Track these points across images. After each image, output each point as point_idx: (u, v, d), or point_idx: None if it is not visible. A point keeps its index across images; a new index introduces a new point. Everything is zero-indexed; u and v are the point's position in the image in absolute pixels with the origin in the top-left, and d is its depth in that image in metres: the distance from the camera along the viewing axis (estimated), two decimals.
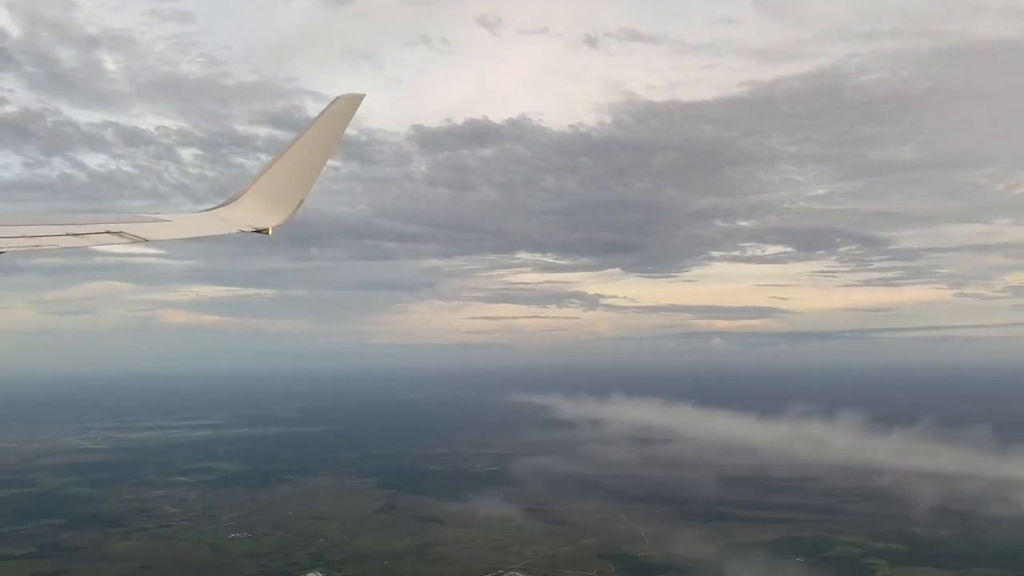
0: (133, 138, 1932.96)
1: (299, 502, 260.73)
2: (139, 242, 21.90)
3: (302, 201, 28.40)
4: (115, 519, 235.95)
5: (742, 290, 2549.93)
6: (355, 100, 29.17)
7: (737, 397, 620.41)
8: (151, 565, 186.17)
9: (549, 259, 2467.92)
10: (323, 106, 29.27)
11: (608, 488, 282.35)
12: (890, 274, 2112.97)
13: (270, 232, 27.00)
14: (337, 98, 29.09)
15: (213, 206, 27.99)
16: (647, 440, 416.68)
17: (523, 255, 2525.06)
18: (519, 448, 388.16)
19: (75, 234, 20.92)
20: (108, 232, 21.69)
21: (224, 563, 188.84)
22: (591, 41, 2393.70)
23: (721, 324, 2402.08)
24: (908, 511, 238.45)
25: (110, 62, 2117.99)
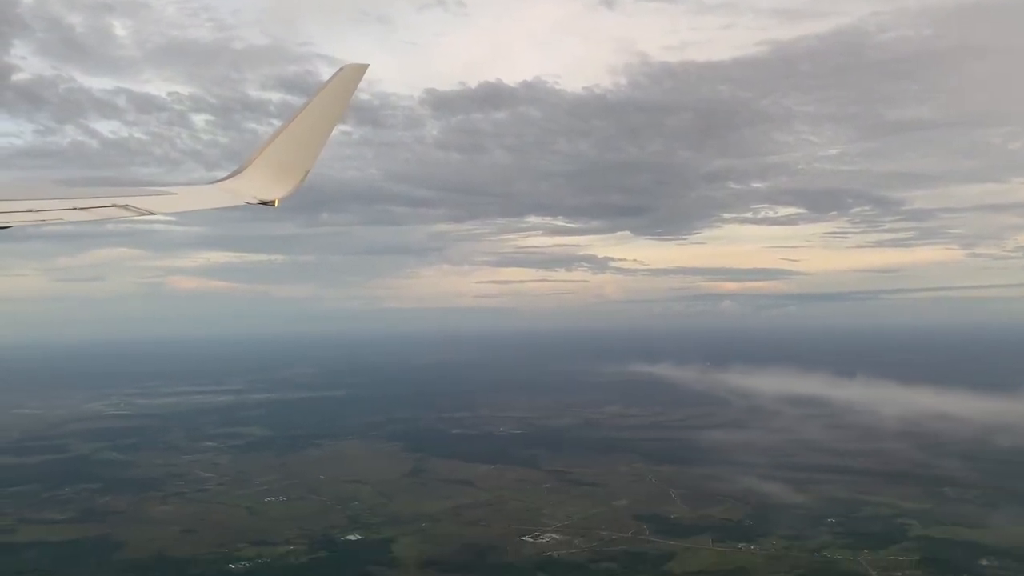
0: (145, 104, 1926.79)
1: (329, 466, 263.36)
2: (145, 214, 22.12)
3: (307, 172, 28.41)
4: (150, 484, 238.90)
5: (752, 252, 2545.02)
6: (360, 70, 29.23)
7: (752, 358, 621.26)
8: (193, 529, 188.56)
9: (559, 222, 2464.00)
10: (335, 70, 29.33)
11: (632, 448, 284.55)
12: (902, 235, 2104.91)
13: (276, 204, 27.07)
14: (341, 68, 29.15)
15: (219, 178, 28.04)
16: (675, 402, 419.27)
17: (533, 219, 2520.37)
18: (540, 411, 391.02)
19: (81, 208, 20.98)
20: (115, 206, 21.80)
21: (263, 527, 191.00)
22: (608, 2, 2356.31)
23: (730, 286, 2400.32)
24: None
25: (119, 27, 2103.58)
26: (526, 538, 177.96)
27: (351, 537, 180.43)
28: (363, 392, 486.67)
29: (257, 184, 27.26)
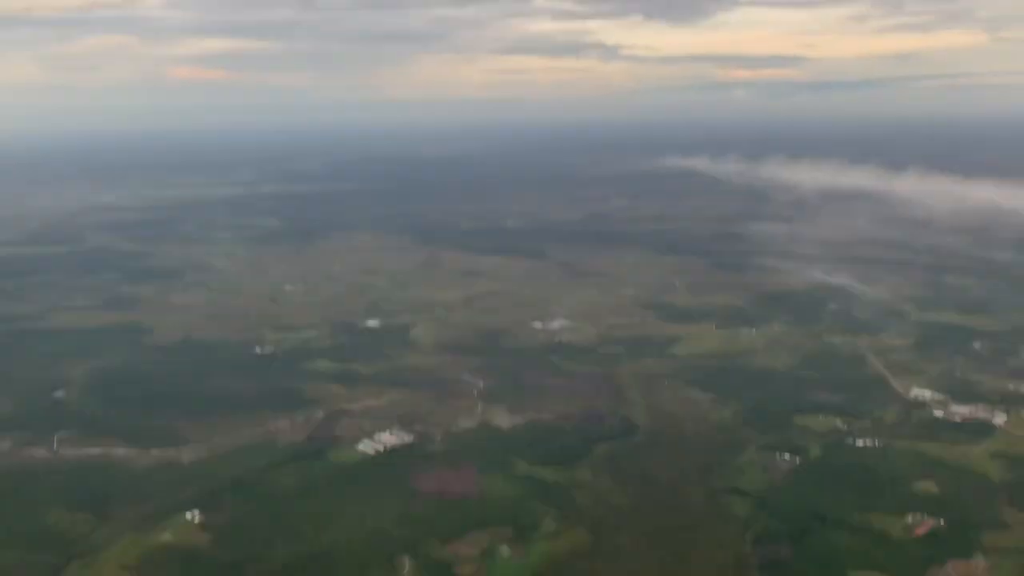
0: None
1: (344, 257, 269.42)
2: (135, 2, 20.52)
3: None
4: (170, 273, 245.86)
5: (767, 37, 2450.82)
6: None
7: (765, 148, 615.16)
8: (217, 316, 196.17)
9: (567, 5, 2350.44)
10: None
11: (644, 240, 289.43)
12: (924, 18, 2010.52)
13: None
14: None
15: None
16: (689, 190, 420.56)
17: (540, 1, 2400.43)
18: (549, 205, 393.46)
19: None
20: None
21: (284, 313, 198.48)
22: None
23: (744, 74, 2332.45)
24: None
25: None
26: (536, 324, 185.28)
27: (370, 323, 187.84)
28: (372, 185, 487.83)
29: None
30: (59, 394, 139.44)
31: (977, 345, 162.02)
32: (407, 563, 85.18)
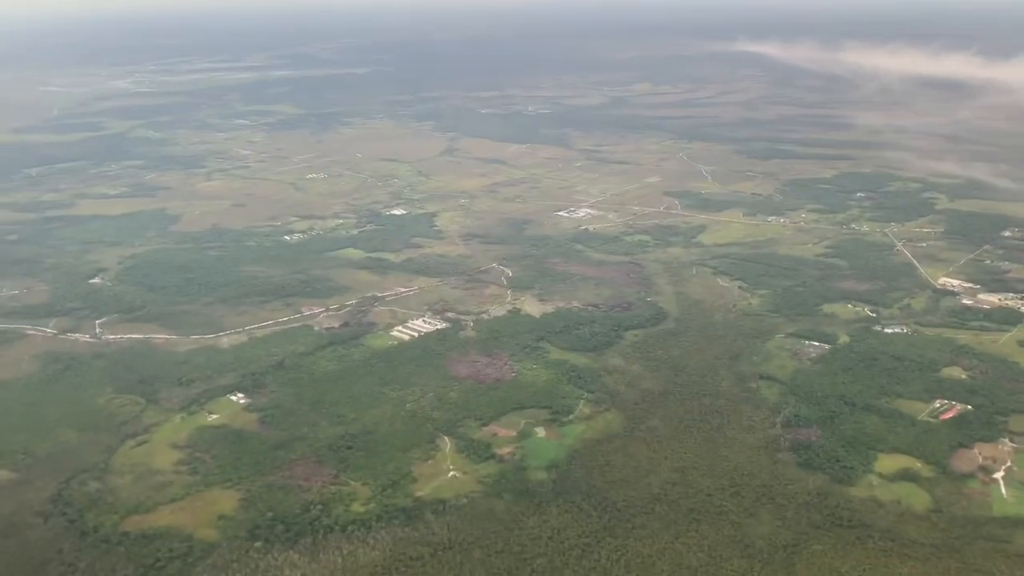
0: None
1: (364, 144, 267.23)
2: None
3: None
4: (191, 160, 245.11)
5: None
6: None
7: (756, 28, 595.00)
8: (243, 204, 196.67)
9: None
10: None
11: (667, 126, 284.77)
12: None
13: None
14: None
15: None
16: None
17: None
18: (569, 89, 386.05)
19: None
20: None
21: (309, 201, 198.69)
22: None
23: None
24: None
25: None
26: (561, 213, 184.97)
27: (395, 212, 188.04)
28: (387, 69, 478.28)
29: None
30: (95, 280, 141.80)
31: (1007, 233, 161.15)
32: (448, 443, 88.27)
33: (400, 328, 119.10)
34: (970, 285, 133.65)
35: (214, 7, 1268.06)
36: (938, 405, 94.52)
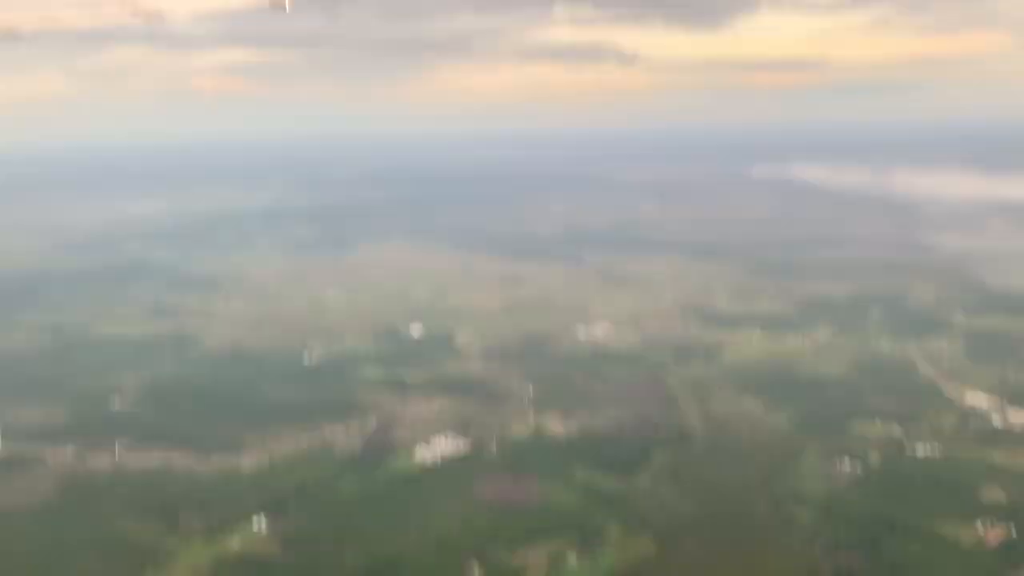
0: None
1: (381, 265, 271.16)
2: (155, 18, 21.93)
3: None
4: (210, 283, 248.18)
5: (787, 42, 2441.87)
6: None
7: (806, 153, 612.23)
8: (261, 325, 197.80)
9: (587, 12, 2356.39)
10: None
11: (679, 245, 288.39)
12: (949, 19, 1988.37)
13: (287, 7, 26.81)
14: None
15: None
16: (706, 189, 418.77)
17: (561, 9, 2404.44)
18: (579, 210, 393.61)
19: (91, 11, 20.91)
20: (125, 7, 21.60)
21: (328, 322, 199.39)
22: None
23: (764, 78, 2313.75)
24: None
25: None
26: (579, 330, 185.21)
27: (414, 330, 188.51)
28: (400, 193, 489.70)
29: None
30: (114, 403, 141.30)
31: None
32: (476, 570, 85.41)
33: (422, 449, 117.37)
34: (998, 401, 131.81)
35: (233, 136, 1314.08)
36: (980, 528, 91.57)
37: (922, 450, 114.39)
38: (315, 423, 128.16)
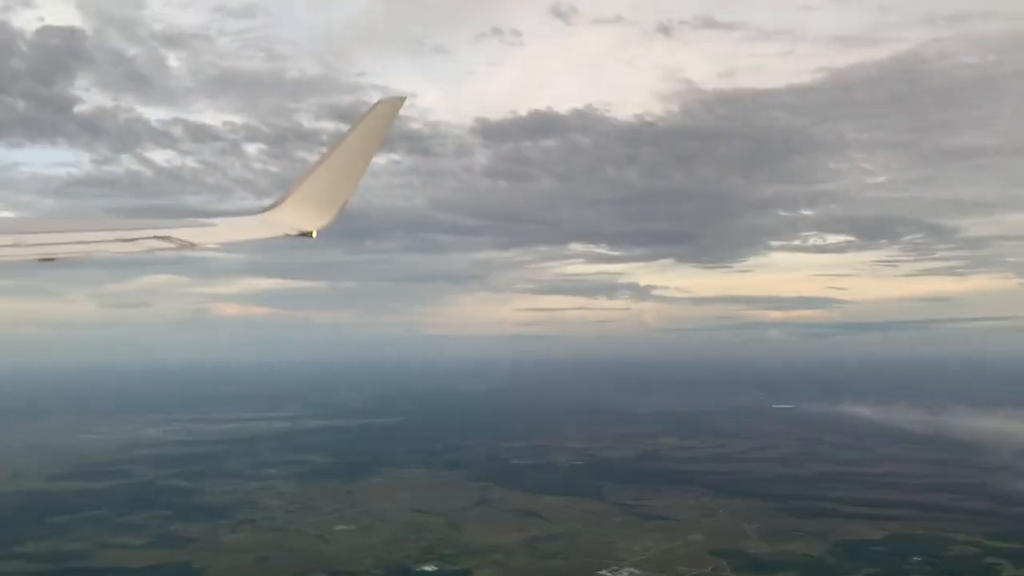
0: (200, 134, 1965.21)
1: (395, 495, 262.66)
2: (186, 247, 22.92)
3: (345, 203, 28.95)
4: (220, 511, 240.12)
5: (798, 280, 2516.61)
6: (397, 103, 29.58)
7: (803, 390, 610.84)
8: (267, 557, 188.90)
9: (602, 250, 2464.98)
10: (383, 98, 29.89)
11: (703, 481, 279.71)
12: (954, 263, 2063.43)
13: (314, 235, 27.70)
14: (379, 101, 29.55)
15: (259, 209, 28.70)
16: (718, 433, 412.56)
17: (575, 246, 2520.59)
18: (597, 441, 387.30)
19: (125, 239, 21.93)
20: (156, 237, 22.57)
21: (337, 555, 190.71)
22: (665, 29, 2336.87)
23: (775, 315, 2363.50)
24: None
25: (173, 59, 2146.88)
26: (604, 573, 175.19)
27: (427, 568, 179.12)
28: (416, 419, 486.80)
29: (296, 215, 28.10)
30: None
31: None
32: None
33: None
34: None
35: (251, 359, 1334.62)
36: None
37: None
38: None
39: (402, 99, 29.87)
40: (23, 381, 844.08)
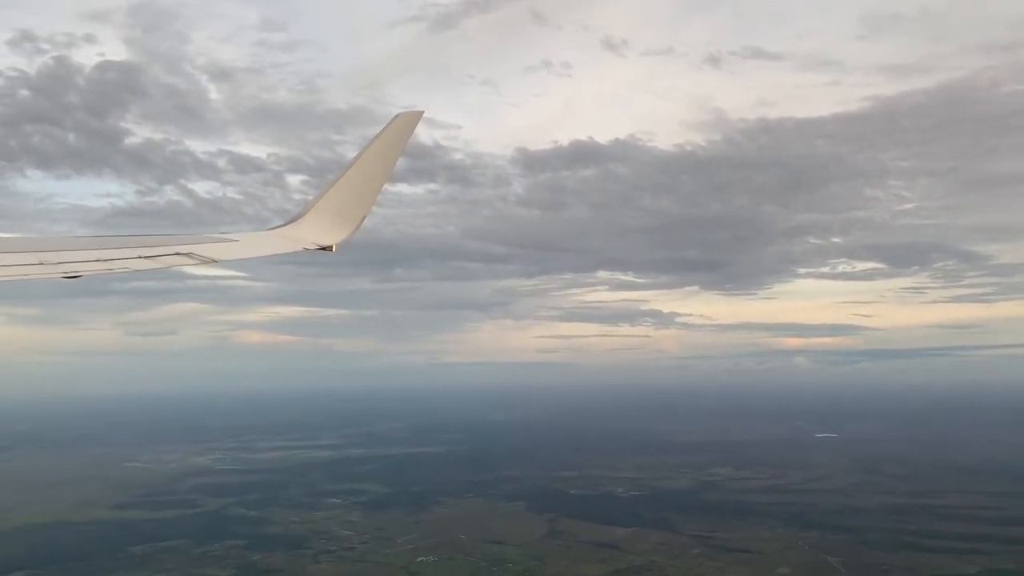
0: (244, 165, 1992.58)
1: (464, 526, 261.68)
2: (208, 263, 22.92)
3: (364, 218, 28.97)
4: (295, 541, 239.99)
5: (822, 307, 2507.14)
6: (415, 117, 29.64)
7: (835, 418, 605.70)
8: None
9: (628, 277, 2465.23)
10: (433, 130, 30.12)
11: (769, 513, 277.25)
12: (983, 290, 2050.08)
13: (333, 249, 27.67)
14: (397, 115, 29.57)
15: (278, 225, 28.77)
16: (759, 463, 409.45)
17: (602, 273, 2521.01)
18: (649, 471, 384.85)
19: (147, 256, 22.02)
20: (178, 254, 22.63)
21: None
22: (714, 60, 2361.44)
23: (798, 342, 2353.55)
24: None
25: (215, 92, 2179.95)
26: None
27: None
28: (459, 448, 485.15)
29: (315, 230, 28.11)
30: None
31: None
32: None
33: None
34: None
35: (274, 388, 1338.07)
36: None
37: None
38: None
39: (420, 113, 30.08)
40: (57, 410, 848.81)
